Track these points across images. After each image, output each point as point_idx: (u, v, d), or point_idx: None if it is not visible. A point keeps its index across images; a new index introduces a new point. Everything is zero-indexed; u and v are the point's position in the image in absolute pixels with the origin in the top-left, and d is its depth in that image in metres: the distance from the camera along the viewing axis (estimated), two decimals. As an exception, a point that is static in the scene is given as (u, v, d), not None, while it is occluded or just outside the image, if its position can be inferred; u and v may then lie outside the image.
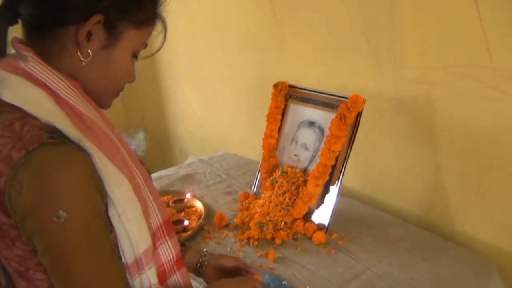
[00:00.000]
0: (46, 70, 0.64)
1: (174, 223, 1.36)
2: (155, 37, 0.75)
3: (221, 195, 1.60)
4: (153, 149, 2.84)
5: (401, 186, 1.48)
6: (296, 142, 1.46)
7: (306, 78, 1.63)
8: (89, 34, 0.64)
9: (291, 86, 1.49)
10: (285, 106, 1.49)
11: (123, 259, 0.68)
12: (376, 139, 1.49)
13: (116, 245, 0.67)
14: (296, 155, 1.45)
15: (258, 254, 1.24)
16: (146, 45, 0.73)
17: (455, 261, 1.18)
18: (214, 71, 2.22)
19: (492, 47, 1.12)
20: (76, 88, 0.66)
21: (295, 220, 1.34)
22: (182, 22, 2.24)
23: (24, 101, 0.61)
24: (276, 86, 1.49)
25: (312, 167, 1.36)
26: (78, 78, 0.67)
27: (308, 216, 1.35)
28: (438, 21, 1.22)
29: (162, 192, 1.59)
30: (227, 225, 1.39)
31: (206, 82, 2.32)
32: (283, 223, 1.32)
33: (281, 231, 1.30)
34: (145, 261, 0.69)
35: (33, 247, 0.60)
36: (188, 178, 1.74)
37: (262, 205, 1.38)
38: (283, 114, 1.50)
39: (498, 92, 1.14)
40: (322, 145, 1.33)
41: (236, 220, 1.38)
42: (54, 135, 0.59)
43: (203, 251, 0.96)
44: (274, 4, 1.71)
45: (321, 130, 1.39)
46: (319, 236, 1.27)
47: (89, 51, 0.65)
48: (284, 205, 1.34)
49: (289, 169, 1.41)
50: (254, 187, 1.56)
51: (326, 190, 1.33)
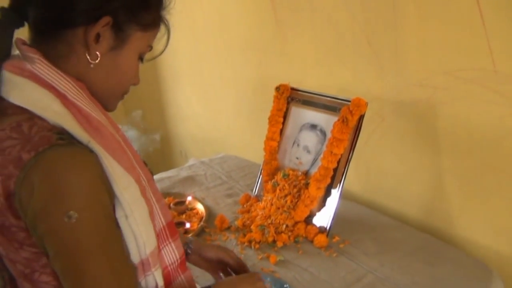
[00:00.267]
0: (53, 71, 0.64)
1: (175, 225, 1.35)
2: (158, 40, 0.76)
3: (222, 197, 1.59)
4: (154, 150, 2.84)
5: (402, 189, 1.48)
6: (298, 145, 1.45)
7: (307, 80, 1.63)
8: (98, 36, 0.64)
9: (293, 89, 1.49)
10: (287, 109, 1.49)
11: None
12: (377, 142, 1.49)
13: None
14: (297, 158, 1.45)
15: (260, 257, 1.23)
16: (151, 47, 0.73)
17: (456, 265, 1.18)
18: (215, 72, 2.22)
19: (494, 51, 1.12)
20: (82, 90, 0.66)
21: (296, 223, 1.34)
22: (183, 23, 2.23)
23: (32, 103, 0.61)
24: (278, 88, 1.49)
25: (314, 170, 1.36)
26: (85, 80, 0.67)
27: (309, 219, 1.34)
28: (441, 24, 1.21)
29: (163, 194, 1.58)
30: (228, 228, 1.39)
31: (207, 84, 2.31)
32: (284, 226, 1.32)
33: (283, 234, 1.30)
34: (152, 262, 0.69)
35: (42, 249, 0.60)
36: (189, 180, 1.74)
37: (264, 208, 1.38)
38: (285, 117, 1.50)
39: (500, 96, 1.14)
40: (324, 148, 1.33)
41: (237, 223, 1.38)
42: (63, 136, 0.59)
43: (187, 239, 0.97)
44: (276, 5, 1.71)
45: (323, 133, 1.39)
46: (321, 239, 1.27)
47: (97, 53, 0.65)
48: (285, 208, 1.34)
49: (290, 172, 1.41)
50: (256, 189, 1.56)
51: (327, 193, 1.33)
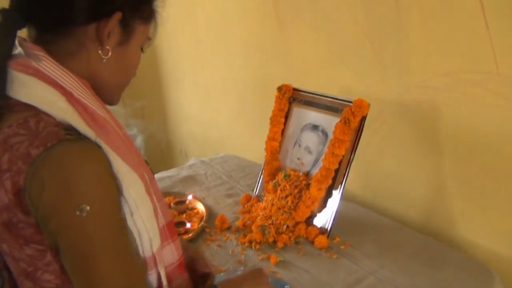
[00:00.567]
0: (58, 69, 0.64)
1: (176, 225, 1.35)
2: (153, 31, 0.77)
3: (222, 197, 1.59)
4: (154, 149, 2.84)
5: (403, 191, 1.48)
6: (299, 145, 1.45)
7: (309, 82, 1.62)
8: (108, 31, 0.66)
9: (295, 89, 1.49)
10: (289, 109, 1.49)
11: None
12: (379, 144, 1.49)
13: None
14: (299, 159, 1.44)
15: (260, 258, 1.23)
16: (150, 38, 0.75)
17: (457, 268, 1.18)
18: (217, 73, 2.22)
19: (498, 54, 1.11)
20: (87, 88, 0.66)
21: (297, 223, 1.33)
22: (185, 25, 2.23)
23: (38, 99, 0.61)
24: (280, 89, 1.49)
25: (315, 171, 1.35)
26: (94, 75, 0.68)
27: (310, 220, 1.34)
28: (444, 26, 1.21)
29: (164, 194, 1.57)
30: (229, 228, 1.39)
31: (209, 84, 2.31)
32: (285, 226, 1.31)
33: (283, 235, 1.29)
34: (159, 259, 0.70)
35: (51, 245, 0.60)
36: (190, 179, 1.74)
37: (264, 208, 1.38)
38: (287, 117, 1.49)
39: (502, 99, 1.14)
40: (326, 149, 1.33)
41: (238, 223, 1.38)
42: (71, 132, 0.59)
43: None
44: (278, 7, 1.71)
45: (325, 134, 1.39)
46: (321, 240, 1.27)
47: (108, 48, 0.67)
48: (286, 209, 1.34)
49: (292, 173, 1.41)
50: (256, 189, 1.55)
51: (328, 194, 1.32)
